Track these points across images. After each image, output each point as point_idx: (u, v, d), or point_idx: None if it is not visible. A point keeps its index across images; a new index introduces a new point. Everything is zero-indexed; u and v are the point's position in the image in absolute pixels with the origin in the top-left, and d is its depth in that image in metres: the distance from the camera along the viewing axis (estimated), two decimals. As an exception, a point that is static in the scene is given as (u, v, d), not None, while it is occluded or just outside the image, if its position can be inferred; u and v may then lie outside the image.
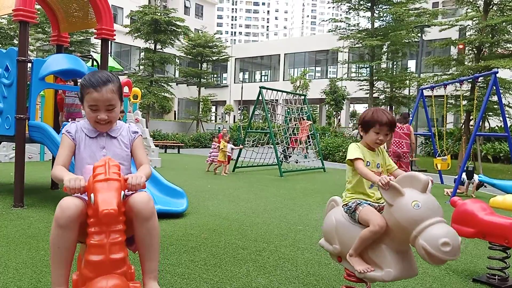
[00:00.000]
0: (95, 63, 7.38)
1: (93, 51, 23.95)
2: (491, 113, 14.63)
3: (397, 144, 8.17)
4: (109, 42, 6.26)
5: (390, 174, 2.46)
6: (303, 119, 13.01)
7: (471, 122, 13.85)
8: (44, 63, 5.44)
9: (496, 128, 19.78)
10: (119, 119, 2.17)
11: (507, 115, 12.09)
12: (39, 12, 16.64)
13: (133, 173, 2.05)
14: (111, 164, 1.78)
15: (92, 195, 1.69)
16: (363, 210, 2.23)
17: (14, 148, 5.69)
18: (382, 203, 2.29)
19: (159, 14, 27.26)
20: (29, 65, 5.49)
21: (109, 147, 2.08)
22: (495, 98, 12.64)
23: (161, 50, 28.72)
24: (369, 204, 2.30)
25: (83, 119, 2.26)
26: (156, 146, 13.27)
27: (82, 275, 1.73)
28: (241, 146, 11.49)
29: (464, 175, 7.77)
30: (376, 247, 2.14)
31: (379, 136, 2.38)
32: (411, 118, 10.51)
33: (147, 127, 12.08)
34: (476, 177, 7.65)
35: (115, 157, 2.01)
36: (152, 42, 28.01)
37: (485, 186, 7.87)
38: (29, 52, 5.70)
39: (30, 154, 10.88)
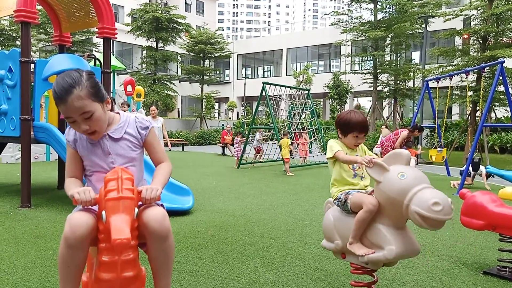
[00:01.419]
0: (97, 63, 7.38)
1: (95, 51, 23.98)
2: (497, 104, 14.49)
3: (388, 148, 8.42)
4: (111, 41, 6.25)
5: None
6: (303, 132, 12.77)
7: (477, 113, 13.73)
8: (47, 63, 5.44)
9: (503, 118, 19.60)
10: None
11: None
12: (40, 13, 16.68)
13: (145, 172, 1.97)
14: (124, 177, 1.65)
15: (103, 212, 1.60)
16: (353, 197, 2.29)
17: (20, 149, 5.70)
18: (370, 189, 2.36)
19: (160, 11, 27.21)
20: (32, 66, 5.49)
21: (116, 151, 1.87)
22: (501, 88, 12.51)
23: (163, 48, 28.70)
24: (357, 191, 2.36)
25: None
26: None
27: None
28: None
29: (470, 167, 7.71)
30: (373, 228, 2.18)
31: (358, 140, 2.48)
32: (415, 111, 10.46)
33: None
34: (482, 168, 7.58)
35: (124, 161, 1.87)
36: (154, 40, 27.99)
37: (492, 177, 7.80)
38: (31, 53, 5.70)
39: (36, 154, 10.94)
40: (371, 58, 21.07)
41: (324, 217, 2.56)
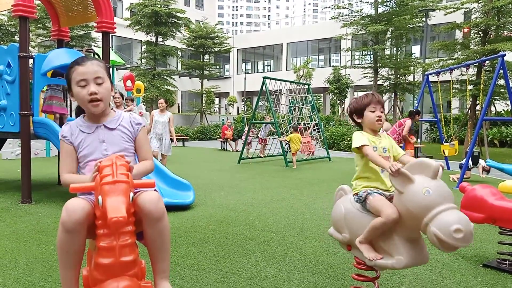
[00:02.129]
0: (96, 58, 7.36)
1: (94, 46, 23.90)
2: (497, 97, 14.45)
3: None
4: (110, 35, 6.22)
5: (397, 160, 2.41)
6: (304, 129, 12.85)
7: (477, 107, 13.70)
8: (46, 58, 5.42)
9: (503, 112, 19.58)
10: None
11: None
12: (38, 7, 16.60)
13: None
14: (119, 163, 1.70)
15: (100, 197, 1.63)
16: (374, 199, 2.19)
17: (20, 144, 5.70)
18: (393, 191, 2.24)
19: (159, 6, 27.05)
20: (31, 61, 5.47)
21: (109, 139, 1.97)
22: (501, 82, 12.47)
23: (163, 43, 28.59)
24: (379, 193, 2.25)
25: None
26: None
27: (92, 276, 1.71)
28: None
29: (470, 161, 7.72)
30: (386, 235, 2.12)
31: (377, 113, 2.36)
32: (416, 105, 10.44)
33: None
34: (481, 161, 7.60)
35: (115, 150, 1.94)
36: (153, 34, 27.88)
37: (487, 172, 7.82)
38: (30, 48, 5.68)
39: (36, 150, 10.94)
40: (371, 52, 21.00)
41: (335, 205, 2.48)
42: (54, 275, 2.82)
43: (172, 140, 7.69)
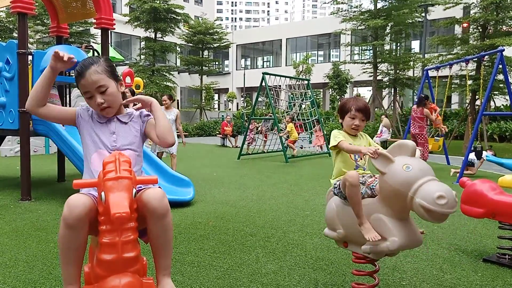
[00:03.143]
0: (95, 54, 7.33)
1: (93, 42, 23.81)
2: (496, 92, 14.43)
3: (412, 126, 8.76)
4: (109, 31, 6.19)
5: None
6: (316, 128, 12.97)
7: (477, 102, 13.69)
8: (45, 55, 5.39)
9: (502, 107, 19.56)
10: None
11: (513, 94, 11.91)
12: (37, 4, 16.51)
13: (143, 165, 2.04)
14: (122, 160, 1.70)
15: (102, 193, 1.64)
16: (341, 180, 2.29)
17: (19, 142, 5.69)
18: (369, 175, 2.35)
19: (158, 2, 26.92)
20: (30, 57, 5.45)
21: (120, 132, 2.00)
22: (500, 76, 12.45)
23: (162, 39, 28.48)
24: None
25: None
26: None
27: (94, 272, 1.71)
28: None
29: (473, 156, 7.74)
30: (377, 219, 2.17)
31: (355, 121, 2.45)
32: (415, 100, 10.40)
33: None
34: (484, 153, 7.61)
35: (125, 143, 1.97)
36: (152, 30, 27.75)
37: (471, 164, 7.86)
38: (29, 44, 5.66)
39: (35, 147, 10.92)
40: (370, 48, 20.92)
41: (327, 205, 2.56)
42: (54, 273, 2.82)
43: (179, 136, 7.18)
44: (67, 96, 6.92)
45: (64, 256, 1.74)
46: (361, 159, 2.43)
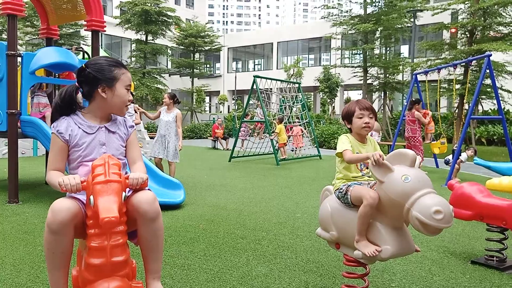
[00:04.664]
0: (86, 56, 7.28)
1: (83, 44, 23.63)
2: (484, 96, 14.66)
3: (406, 130, 8.92)
4: (100, 34, 6.15)
5: None
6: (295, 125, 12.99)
7: (465, 106, 13.89)
8: (34, 56, 5.34)
9: (489, 111, 19.88)
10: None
11: (500, 98, 12.12)
12: (27, 5, 16.35)
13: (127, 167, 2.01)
14: (111, 163, 1.68)
15: (91, 197, 1.61)
16: (354, 189, 2.26)
17: (7, 144, 5.61)
18: (370, 183, 2.32)
19: (149, 4, 26.86)
20: (19, 59, 5.39)
21: (109, 143, 1.95)
22: (488, 81, 12.66)
23: (153, 41, 28.40)
24: (359, 184, 2.33)
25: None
26: (151, 138, 13.20)
27: (82, 276, 1.69)
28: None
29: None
30: (371, 226, 2.17)
31: (364, 119, 2.41)
32: (405, 104, 10.52)
33: (141, 119, 11.99)
34: (463, 154, 7.74)
35: (115, 154, 1.92)
36: (143, 33, 27.67)
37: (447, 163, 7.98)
38: (18, 46, 5.60)
39: (23, 149, 10.78)
40: (361, 52, 21.11)
41: (321, 205, 2.53)
42: (41, 276, 2.78)
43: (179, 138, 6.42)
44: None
45: (50, 261, 1.72)
46: (367, 168, 2.36)
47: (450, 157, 7.88)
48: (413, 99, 9.05)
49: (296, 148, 12.43)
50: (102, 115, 1.98)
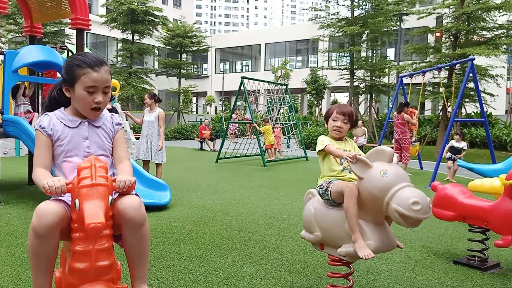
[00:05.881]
0: (70, 55, 7.17)
1: (68, 43, 23.28)
2: (467, 100, 14.94)
3: (395, 132, 9.06)
4: (85, 32, 6.08)
5: None
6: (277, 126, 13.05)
7: (449, 109, 14.13)
8: (17, 55, 5.24)
9: (473, 114, 20.27)
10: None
11: (483, 101, 12.37)
12: (10, 2, 16.03)
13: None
14: (98, 165, 1.64)
15: (77, 200, 1.57)
16: (334, 184, 2.32)
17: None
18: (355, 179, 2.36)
19: (136, 3, 26.58)
20: (1, 57, 5.28)
21: (92, 137, 1.91)
22: (471, 85, 12.91)
23: (139, 41, 28.12)
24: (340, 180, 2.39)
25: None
26: (137, 138, 13.06)
27: (66, 280, 1.65)
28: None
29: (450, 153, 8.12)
30: None
31: (336, 123, 2.51)
32: (391, 106, 10.68)
33: (126, 120, 11.87)
34: (452, 142, 7.98)
35: (99, 148, 1.89)
36: (130, 32, 27.37)
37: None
38: (0, 44, 5.48)
39: (5, 149, 10.56)
40: (348, 54, 21.31)
41: (305, 208, 2.57)
42: (23, 278, 2.73)
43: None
44: (39, 98, 6.73)
45: (34, 264, 1.67)
46: (347, 162, 2.44)
47: (449, 154, 8.09)
48: (403, 102, 9.18)
49: (275, 149, 12.46)
50: (76, 111, 1.93)
